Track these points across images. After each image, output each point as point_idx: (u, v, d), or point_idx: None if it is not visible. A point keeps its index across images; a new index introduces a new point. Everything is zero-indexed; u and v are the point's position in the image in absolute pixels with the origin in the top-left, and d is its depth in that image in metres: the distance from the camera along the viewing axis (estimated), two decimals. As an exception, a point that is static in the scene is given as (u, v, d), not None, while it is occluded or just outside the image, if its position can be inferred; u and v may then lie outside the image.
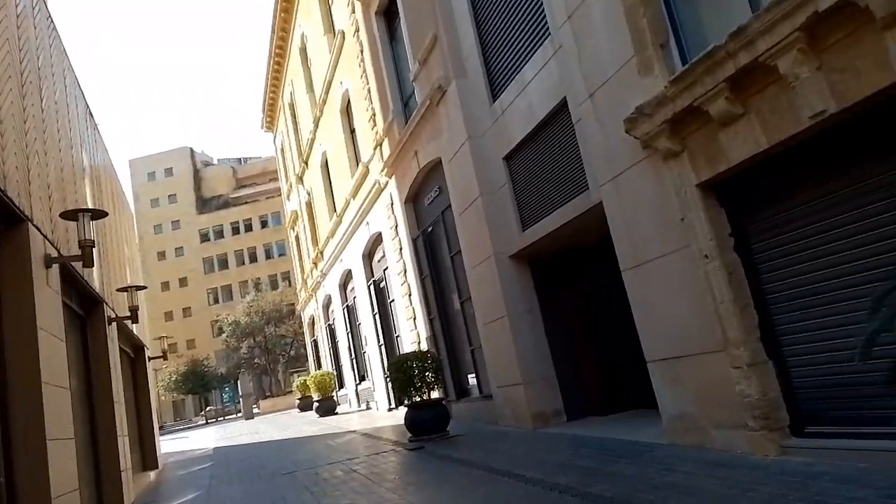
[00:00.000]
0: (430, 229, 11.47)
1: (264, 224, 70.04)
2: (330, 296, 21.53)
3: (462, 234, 9.56)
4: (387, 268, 14.28)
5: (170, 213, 70.87)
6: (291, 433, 15.25)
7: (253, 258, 69.01)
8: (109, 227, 9.74)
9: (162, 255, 69.57)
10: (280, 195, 55.37)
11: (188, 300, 68.49)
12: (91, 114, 9.15)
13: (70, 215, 5.45)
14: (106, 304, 8.22)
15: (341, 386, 21.54)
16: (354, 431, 12.29)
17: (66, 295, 6.72)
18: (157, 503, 7.72)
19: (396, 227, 12.79)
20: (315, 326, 26.56)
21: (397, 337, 14.33)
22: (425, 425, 9.00)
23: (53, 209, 5.84)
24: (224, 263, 69.54)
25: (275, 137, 29.13)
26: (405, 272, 12.63)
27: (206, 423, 41.84)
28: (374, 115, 13.15)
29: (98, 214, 5.65)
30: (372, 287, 15.80)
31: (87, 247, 5.40)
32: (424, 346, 11.70)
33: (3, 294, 4.69)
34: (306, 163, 22.02)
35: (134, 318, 8.02)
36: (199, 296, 68.52)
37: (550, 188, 7.57)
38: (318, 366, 25.69)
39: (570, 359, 8.50)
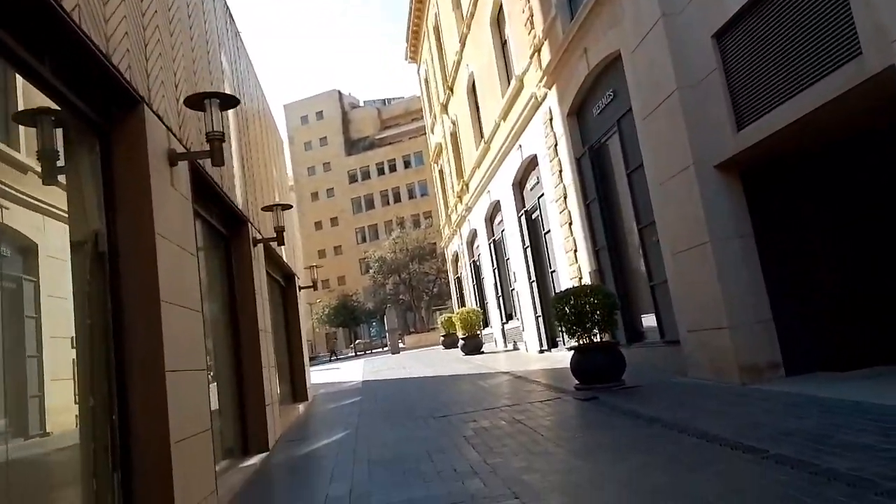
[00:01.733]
0: (598, 144, 9.73)
1: (407, 164, 70.96)
2: (475, 230, 20.51)
3: (647, 143, 7.78)
4: (542, 195, 12.77)
5: (321, 155, 74.06)
6: (438, 370, 14.61)
7: (397, 198, 70.51)
8: (256, 145, 9.16)
9: (315, 196, 73.31)
10: (423, 135, 55.21)
11: (339, 239, 71.95)
12: (232, 17, 8.41)
13: (195, 102, 4.45)
14: (251, 223, 7.61)
15: (486, 325, 20.71)
16: (507, 373, 11.22)
17: (207, 211, 6.07)
18: (304, 441, 7.14)
19: (556, 145, 11.17)
20: (459, 263, 25.89)
21: (552, 272, 12.91)
22: (596, 372, 7.59)
23: (181, 101, 4.98)
24: (370, 203, 71.84)
25: (419, 68, 28.15)
26: (565, 198, 11.06)
27: (356, 355, 43.84)
28: (532, 15, 11.40)
29: (229, 101, 4.55)
30: (523, 218, 14.40)
31: (215, 140, 4.41)
32: (587, 282, 10.18)
33: (118, 192, 3.84)
34: (451, 89, 20.76)
35: (280, 239, 7.32)
36: (349, 234, 71.68)
37: (787, 65, 5.56)
38: (462, 303, 25.12)
39: (796, 297, 6.57)
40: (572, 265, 11.12)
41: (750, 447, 4.04)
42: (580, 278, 10.82)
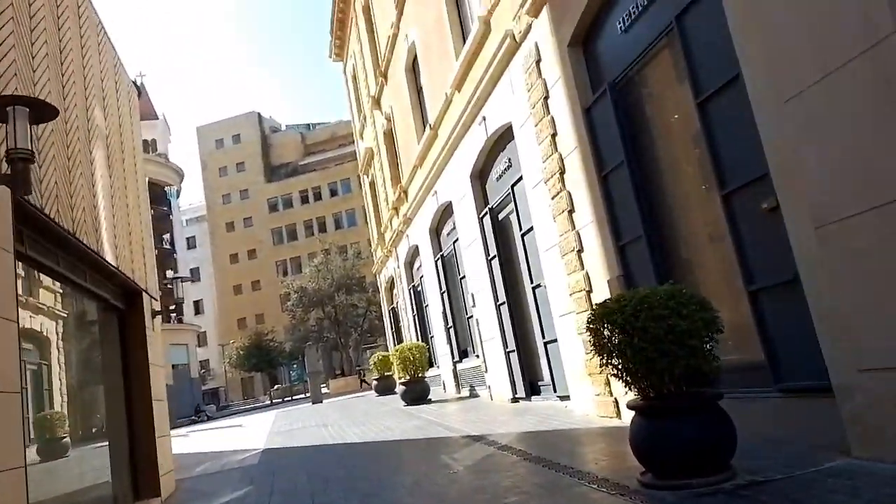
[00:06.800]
0: (630, 73, 6.20)
1: (334, 192, 66.61)
2: (416, 247, 16.74)
3: (750, 30, 4.27)
4: (518, 180, 9.19)
5: (238, 181, 68.51)
6: (373, 431, 10.52)
7: (322, 228, 65.70)
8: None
9: (230, 226, 67.48)
10: (351, 160, 51.17)
11: (257, 273, 66.16)
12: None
13: None
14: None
15: (431, 364, 16.76)
16: (480, 438, 7.34)
17: None
18: None
19: (545, 99, 7.64)
20: (394, 291, 21.98)
21: (535, 288, 9.24)
22: (686, 453, 3.91)
23: None
24: (293, 234, 66.68)
25: (345, 66, 24.55)
26: (561, 174, 7.49)
27: (272, 403, 38.83)
28: (509, -90, 7.95)
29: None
30: (488, 219, 10.75)
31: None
32: (600, 298, 6.42)
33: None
34: (385, 76, 17.17)
35: (17, 183, 3.11)
36: (269, 268, 66.01)
37: None
38: (398, 339, 21.11)
39: None
40: (573, 273, 7.50)
41: None
42: (587, 291, 7.21)
